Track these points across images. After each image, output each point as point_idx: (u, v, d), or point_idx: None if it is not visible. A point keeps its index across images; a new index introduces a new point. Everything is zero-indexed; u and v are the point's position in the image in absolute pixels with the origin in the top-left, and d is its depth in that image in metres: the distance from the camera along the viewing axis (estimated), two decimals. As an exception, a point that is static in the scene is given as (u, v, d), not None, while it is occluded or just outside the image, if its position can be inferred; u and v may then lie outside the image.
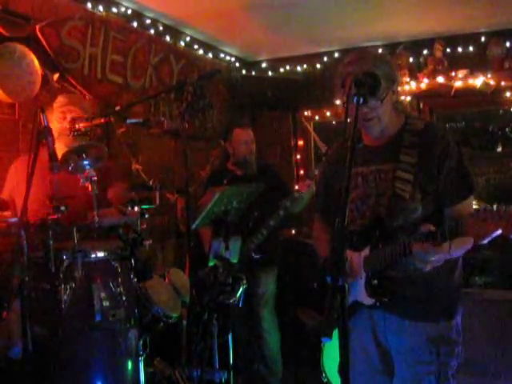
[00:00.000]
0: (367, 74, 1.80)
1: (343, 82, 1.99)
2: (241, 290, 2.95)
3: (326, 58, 5.49)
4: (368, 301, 2.01)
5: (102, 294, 2.53)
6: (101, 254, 2.62)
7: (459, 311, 2.07)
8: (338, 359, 1.50)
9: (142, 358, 2.76)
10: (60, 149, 2.67)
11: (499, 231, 1.59)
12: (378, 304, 2.00)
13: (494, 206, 1.61)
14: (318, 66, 5.55)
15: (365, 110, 1.97)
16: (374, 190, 2.07)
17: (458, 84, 4.83)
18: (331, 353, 3.52)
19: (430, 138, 2.01)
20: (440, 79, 4.85)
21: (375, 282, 1.97)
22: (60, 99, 3.10)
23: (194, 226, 2.87)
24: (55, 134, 2.80)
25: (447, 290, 2.04)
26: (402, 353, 2.03)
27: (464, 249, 1.90)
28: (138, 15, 4.21)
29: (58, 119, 3.01)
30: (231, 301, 2.91)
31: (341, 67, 2.03)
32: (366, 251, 2.02)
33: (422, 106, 5.10)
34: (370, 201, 2.08)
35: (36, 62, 3.27)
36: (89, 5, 3.79)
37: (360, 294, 2.02)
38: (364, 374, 2.12)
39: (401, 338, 2.02)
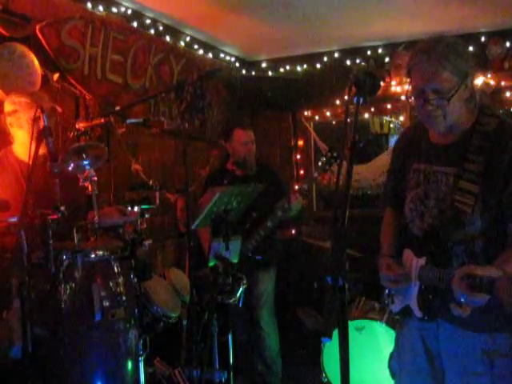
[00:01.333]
0: (367, 73, 1.75)
1: (408, 72, 1.89)
2: (241, 290, 2.95)
3: (326, 58, 5.49)
4: (418, 313, 1.98)
5: (102, 294, 2.52)
6: (101, 254, 2.62)
7: None
8: (338, 359, 1.50)
9: (142, 358, 2.76)
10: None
11: None
12: (426, 318, 1.95)
13: None
14: (318, 65, 5.55)
15: (429, 108, 1.86)
16: (435, 193, 1.96)
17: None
18: (331, 353, 3.52)
19: (500, 142, 1.84)
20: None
21: (430, 296, 1.92)
22: (22, 99, 2.84)
23: (193, 226, 2.87)
24: (27, 136, 2.71)
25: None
26: (454, 361, 1.95)
27: None
28: (138, 15, 4.20)
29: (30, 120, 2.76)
30: (231, 301, 2.91)
31: (409, 57, 1.90)
32: (422, 261, 1.94)
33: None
34: (429, 204, 1.97)
35: (36, 62, 3.27)
36: (89, 5, 3.79)
37: (412, 301, 1.99)
38: (410, 373, 2.10)
39: (453, 346, 1.95)
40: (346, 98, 1.72)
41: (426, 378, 2.06)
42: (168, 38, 4.61)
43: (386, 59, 5.22)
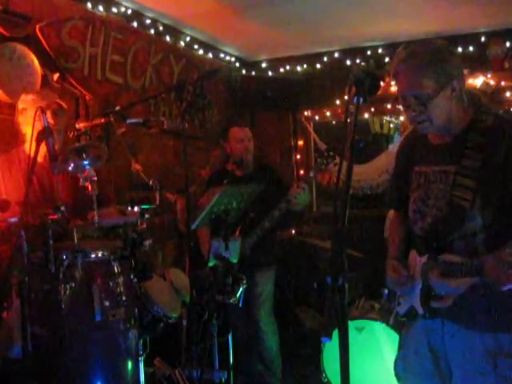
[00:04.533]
0: (367, 73, 1.75)
1: (393, 79, 1.93)
2: (241, 290, 2.95)
3: (325, 58, 5.49)
4: (420, 310, 1.98)
5: (102, 294, 2.53)
6: (101, 254, 2.62)
7: None
8: (338, 359, 1.50)
9: (141, 358, 2.76)
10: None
11: None
12: (427, 315, 1.96)
13: None
14: (318, 66, 5.55)
15: (412, 113, 1.91)
16: (435, 193, 1.98)
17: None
18: (331, 353, 3.51)
19: (496, 138, 1.85)
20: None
21: (432, 293, 1.91)
22: (30, 97, 2.94)
23: (193, 226, 2.87)
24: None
25: (510, 301, 1.86)
26: (459, 360, 1.96)
27: None
28: (138, 15, 4.21)
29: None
30: (231, 301, 2.90)
31: (393, 63, 1.95)
32: (424, 259, 1.96)
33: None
34: (430, 203, 1.99)
35: (36, 61, 3.27)
36: (89, 5, 3.79)
37: (415, 300, 1.99)
38: (416, 375, 2.10)
39: (458, 346, 1.95)
40: (345, 98, 1.74)
41: (431, 380, 2.05)
42: (168, 38, 4.61)
43: (386, 59, 5.22)
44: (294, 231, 5.37)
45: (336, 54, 5.42)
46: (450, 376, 2.00)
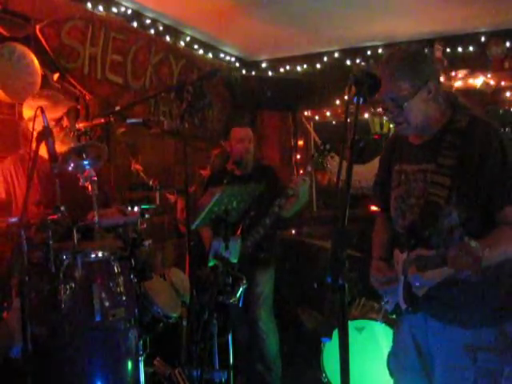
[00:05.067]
0: (367, 73, 1.77)
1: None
2: (241, 290, 2.95)
3: (326, 58, 5.49)
4: (403, 304, 2.02)
5: (102, 294, 2.53)
6: (101, 254, 2.62)
7: (509, 318, 1.95)
8: (338, 359, 1.50)
9: (141, 358, 2.76)
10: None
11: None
12: (409, 309, 2.00)
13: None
14: (318, 66, 5.55)
15: (389, 115, 1.99)
16: (414, 191, 2.04)
17: (457, 84, 4.83)
18: (331, 353, 3.51)
19: (472, 138, 1.92)
20: (440, 79, 4.85)
21: (413, 288, 1.95)
22: (27, 104, 2.92)
23: (193, 226, 2.87)
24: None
25: (490, 296, 1.94)
26: (441, 355, 2.02)
27: (497, 257, 1.83)
28: (138, 15, 4.21)
29: (50, 122, 2.89)
30: (231, 301, 2.91)
31: (379, 68, 2.02)
32: (404, 255, 2.00)
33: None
34: (410, 201, 2.06)
35: (36, 62, 3.27)
36: (89, 5, 3.79)
37: (399, 296, 2.03)
38: (405, 370, 2.17)
39: (439, 341, 2.02)
40: (346, 98, 1.73)
41: (418, 375, 2.11)
42: (168, 38, 4.61)
43: (386, 59, 5.21)
44: (294, 231, 5.37)
45: (336, 54, 5.42)
46: (433, 371, 2.06)
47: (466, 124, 1.95)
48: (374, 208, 2.63)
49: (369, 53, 5.30)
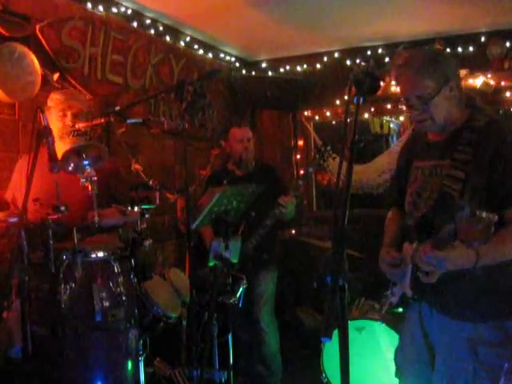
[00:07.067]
0: (367, 73, 1.79)
1: (396, 82, 2.10)
2: (241, 290, 2.95)
3: (326, 58, 5.49)
4: (409, 292, 2.06)
5: (102, 294, 2.53)
6: (101, 254, 2.62)
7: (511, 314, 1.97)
8: (338, 359, 1.50)
9: (141, 358, 2.76)
10: (61, 149, 2.66)
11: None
12: (415, 297, 2.06)
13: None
14: (318, 66, 5.55)
15: (415, 112, 2.05)
16: (429, 185, 2.10)
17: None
18: (331, 353, 3.51)
19: (487, 135, 1.98)
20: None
21: (418, 274, 1.98)
22: (56, 96, 3.01)
23: (193, 226, 2.86)
24: (57, 133, 2.80)
25: (493, 290, 1.97)
26: (442, 348, 2.05)
27: (497, 255, 1.88)
28: (138, 15, 4.21)
29: (59, 117, 2.95)
30: (231, 301, 2.91)
31: (392, 67, 2.10)
32: (414, 245, 2.03)
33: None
34: (425, 195, 2.11)
35: (36, 61, 3.27)
36: (89, 5, 3.79)
37: (406, 286, 2.07)
38: (413, 363, 2.18)
39: (442, 334, 2.05)
40: (346, 97, 1.74)
41: (427, 368, 2.12)
42: (168, 38, 4.61)
43: (386, 59, 5.22)
44: (294, 231, 5.37)
45: (336, 54, 5.42)
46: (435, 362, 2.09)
47: (483, 123, 2.02)
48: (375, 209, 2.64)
49: (369, 53, 5.30)
